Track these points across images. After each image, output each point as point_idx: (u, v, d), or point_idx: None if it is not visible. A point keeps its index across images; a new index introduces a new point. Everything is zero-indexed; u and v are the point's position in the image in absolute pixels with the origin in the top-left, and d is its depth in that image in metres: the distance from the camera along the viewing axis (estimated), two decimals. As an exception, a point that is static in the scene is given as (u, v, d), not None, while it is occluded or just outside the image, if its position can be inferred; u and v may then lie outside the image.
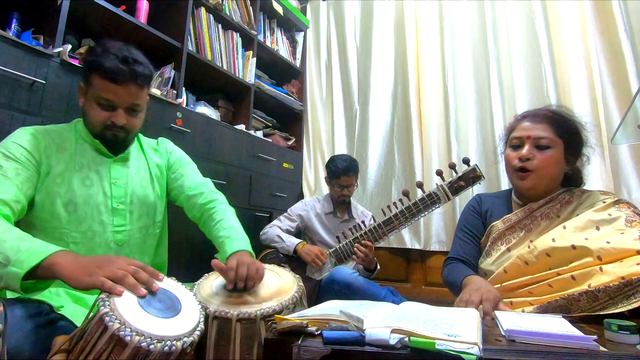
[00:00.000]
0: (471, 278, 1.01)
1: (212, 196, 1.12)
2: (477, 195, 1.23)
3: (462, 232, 1.17)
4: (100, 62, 0.89)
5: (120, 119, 0.94)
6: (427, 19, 2.22)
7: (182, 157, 1.18)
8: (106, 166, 0.99)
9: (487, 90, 1.95)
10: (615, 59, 1.58)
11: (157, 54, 1.78)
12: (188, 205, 1.11)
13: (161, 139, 1.18)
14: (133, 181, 1.02)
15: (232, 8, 2.11)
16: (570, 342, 0.52)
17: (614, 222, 0.87)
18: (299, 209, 1.90)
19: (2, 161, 0.82)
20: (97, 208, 0.94)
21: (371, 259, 1.52)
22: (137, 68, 0.93)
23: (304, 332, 0.54)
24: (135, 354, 0.57)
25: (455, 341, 0.48)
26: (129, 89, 0.93)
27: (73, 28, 1.53)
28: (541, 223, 1.00)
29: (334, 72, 2.55)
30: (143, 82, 0.95)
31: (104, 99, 0.92)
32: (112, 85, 0.91)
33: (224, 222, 1.05)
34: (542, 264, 0.90)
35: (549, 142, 0.99)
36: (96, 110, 0.93)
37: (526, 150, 1.01)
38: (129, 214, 0.99)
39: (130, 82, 0.92)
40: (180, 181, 1.12)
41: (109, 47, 0.92)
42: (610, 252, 0.79)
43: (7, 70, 1.13)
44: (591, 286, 0.76)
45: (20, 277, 0.64)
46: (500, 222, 1.07)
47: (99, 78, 0.90)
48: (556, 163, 1.00)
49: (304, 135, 2.58)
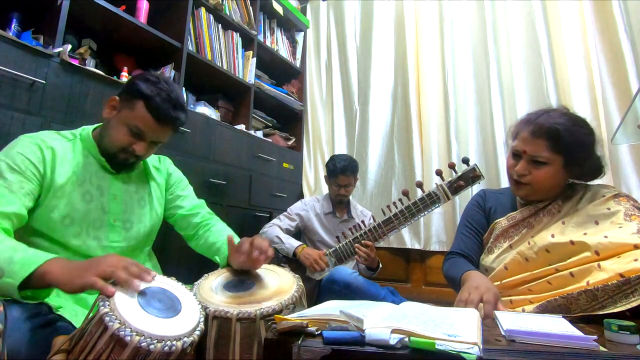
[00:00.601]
0: (470, 274, 1.00)
1: (208, 216, 1.16)
2: (482, 191, 1.23)
3: (464, 227, 1.17)
4: (152, 95, 0.91)
5: (141, 149, 0.94)
6: (427, 19, 2.22)
7: (181, 179, 1.20)
8: (107, 181, 0.99)
9: (487, 91, 1.95)
10: (615, 59, 1.58)
11: (157, 54, 1.78)
12: (182, 223, 1.14)
13: (163, 158, 1.19)
14: (132, 199, 1.03)
15: (232, 8, 2.11)
16: (570, 342, 0.52)
17: (613, 216, 0.86)
18: (298, 209, 1.90)
19: (7, 173, 0.82)
20: (93, 223, 0.94)
21: (373, 258, 1.52)
22: (180, 116, 0.96)
23: (304, 332, 0.54)
24: (135, 354, 0.57)
25: (455, 341, 0.48)
26: (165, 129, 0.96)
27: (73, 28, 1.53)
28: (543, 219, 1.00)
29: (334, 72, 2.55)
30: (178, 128, 1.00)
31: (138, 129, 0.92)
32: (153, 122, 0.92)
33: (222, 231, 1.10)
34: (542, 260, 0.90)
35: (546, 159, 0.97)
36: (122, 133, 0.93)
37: (520, 166, 1.00)
38: (124, 231, 0.99)
39: (169, 124, 0.96)
40: (177, 202, 1.14)
41: (162, 83, 0.93)
42: (607, 247, 0.79)
43: (7, 70, 1.13)
44: (589, 283, 0.76)
45: (15, 288, 0.64)
46: (505, 219, 1.07)
47: (143, 108, 0.91)
48: (551, 178, 0.98)
49: (304, 135, 2.58)
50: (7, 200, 0.79)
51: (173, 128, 0.98)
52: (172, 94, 0.93)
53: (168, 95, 0.92)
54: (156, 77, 0.95)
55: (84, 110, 1.32)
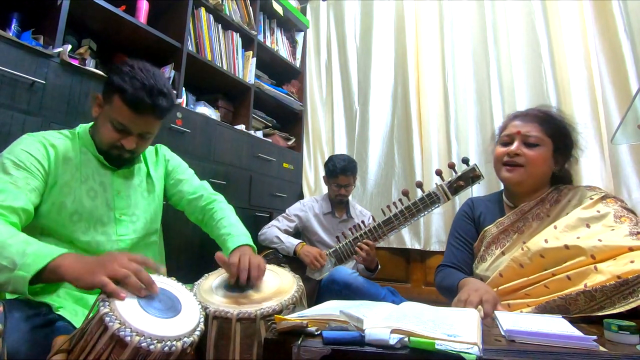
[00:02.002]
0: (468, 279, 1.01)
1: (212, 197, 1.15)
2: (470, 200, 1.23)
3: (454, 239, 1.17)
4: (125, 87, 0.87)
5: (130, 144, 0.93)
6: (427, 19, 2.22)
7: (179, 163, 1.20)
8: (109, 178, 0.99)
9: (487, 91, 1.95)
10: (615, 59, 1.58)
11: (157, 54, 1.78)
12: (189, 208, 1.15)
13: (159, 146, 1.19)
14: (136, 192, 1.04)
15: (232, 8, 2.11)
16: (569, 342, 0.52)
17: (603, 218, 0.87)
18: (297, 210, 1.90)
19: (12, 170, 0.83)
20: (100, 219, 0.95)
21: (372, 259, 1.52)
22: (159, 102, 0.90)
23: (304, 332, 0.54)
24: (135, 354, 0.57)
25: (455, 341, 0.48)
26: (146, 119, 0.92)
27: (73, 28, 1.53)
28: (532, 224, 1.01)
29: (334, 72, 2.55)
30: (162, 115, 0.94)
31: (119, 123, 0.91)
32: (131, 113, 0.89)
33: (224, 220, 1.09)
34: (537, 265, 0.90)
35: (538, 140, 1.00)
36: (108, 130, 0.92)
37: (515, 146, 1.02)
38: (132, 224, 1.00)
39: (150, 114, 0.91)
40: (179, 187, 1.15)
41: (136, 71, 0.88)
42: (603, 250, 0.80)
43: (7, 70, 1.13)
44: (587, 286, 0.76)
45: (27, 281, 0.64)
46: (494, 226, 1.07)
47: (119, 101, 0.88)
48: (544, 161, 1.01)
49: (303, 135, 2.58)
50: (14, 195, 0.79)
51: (155, 116, 0.93)
52: (147, 82, 0.87)
53: (142, 84, 0.87)
54: (130, 67, 0.89)
55: (84, 111, 1.32)
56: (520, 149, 1.01)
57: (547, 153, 1.01)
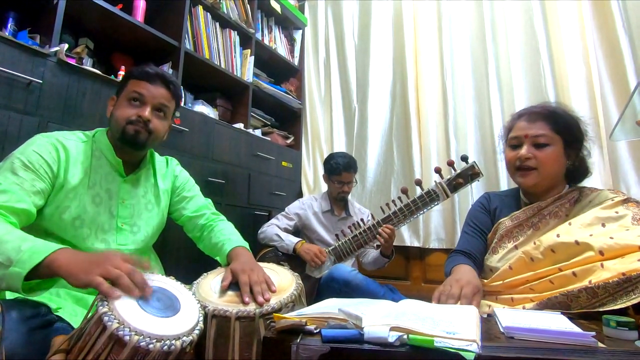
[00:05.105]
0: (457, 267, 1.01)
1: (213, 217, 1.17)
2: (486, 194, 1.22)
3: (468, 227, 1.16)
4: (136, 68, 1.02)
5: (146, 113, 0.97)
6: (426, 16, 2.21)
7: (187, 180, 1.21)
8: (116, 185, 1.00)
9: (486, 88, 1.95)
10: (614, 56, 1.58)
11: (155, 53, 1.77)
12: (189, 225, 1.16)
13: (170, 159, 1.20)
14: (140, 203, 1.04)
15: (230, 6, 2.10)
16: (568, 338, 0.52)
17: (621, 219, 0.86)
18: (296, 208, 1.90)
19: (20, 171, 0.83)
20: (101, 227, 0.95)
21: (390, 245, 1.53)
22: (168, 77, 1.03)
23: (303, 331, 0.54)
24: (134, 353, 0.57)
25: (454, 338, 0.48)
26: (159, 88, 1.01)
27: (69, 27, 1.52)
28: (550, 222, 0.99)
29: (333, 70, 2.54)
30: (172, 91, 1.04)
31: (136, 93, 0.98)
32: (144, 83, 0.99)
33: (224, 230, 1.11)
34: (548, 259, 0.90)
35: (547, 140, 0.99)
36: (125, 107, 0.98)
37: (525, 149, 1.01)
38: (132, 235, 1.00)
39: (161, 83, 1.01)
40: (183, 204, 1.16)
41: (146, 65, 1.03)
42: (613, 247, 0.79)
43: (4, 69, 1.12)
44: (592, 282, 0.76)
45: (22, 277, 0.64)
46: (508, 219, 1.06)
47: (133, 80, 1.00)
48: (556, 159, 1.00)
49: (302, 133, 2.58)
50: (18, 197, 0.80)
51: (167, 88, 1.02)
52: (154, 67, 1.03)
53: (150, 65, 1.03)
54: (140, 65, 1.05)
55: (81, 110, 1.31)
56: (531, 152, 1.00)
57: (559, 151, 1.00)
